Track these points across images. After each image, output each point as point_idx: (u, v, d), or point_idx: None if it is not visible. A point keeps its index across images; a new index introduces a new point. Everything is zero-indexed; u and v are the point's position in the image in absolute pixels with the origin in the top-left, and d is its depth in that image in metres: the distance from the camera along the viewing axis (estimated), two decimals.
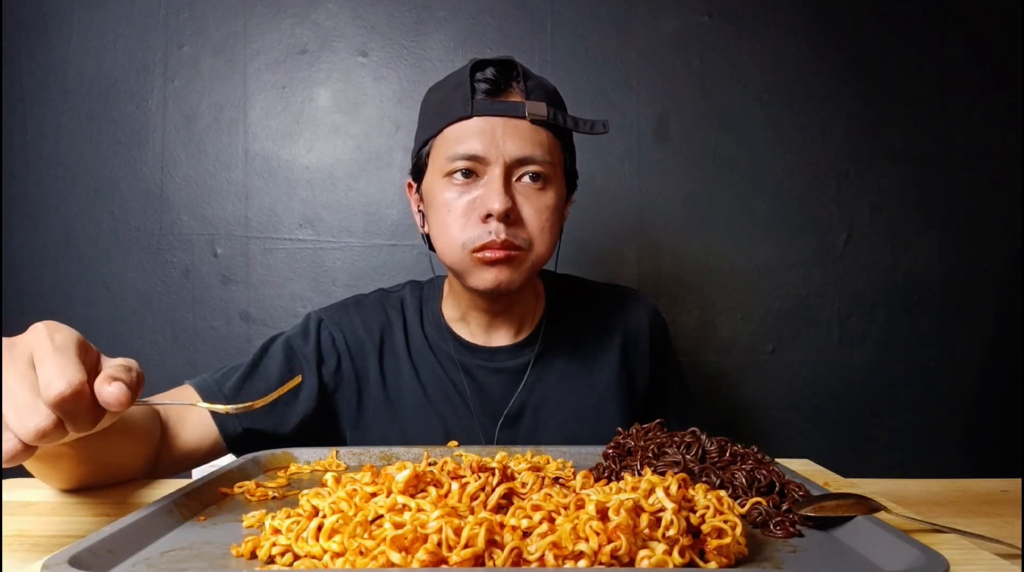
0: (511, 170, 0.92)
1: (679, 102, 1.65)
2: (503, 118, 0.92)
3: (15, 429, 0.49)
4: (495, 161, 0.91)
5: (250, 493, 0.69)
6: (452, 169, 0.93)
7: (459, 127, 0.93)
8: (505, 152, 0.91)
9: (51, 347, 0.52)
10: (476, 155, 0.91)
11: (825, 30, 1.65)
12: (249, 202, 1.66)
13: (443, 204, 0.94)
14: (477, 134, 0.92)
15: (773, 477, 0.63)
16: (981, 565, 0.51)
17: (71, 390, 0.50)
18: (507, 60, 0.95)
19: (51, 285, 1.65)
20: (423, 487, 0.55)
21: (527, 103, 0.93)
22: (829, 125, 1.65)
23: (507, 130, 0.92)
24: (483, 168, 0.92)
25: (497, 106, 0.93)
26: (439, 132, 0.95)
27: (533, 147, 0.92)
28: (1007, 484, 0.83)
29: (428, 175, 0.98)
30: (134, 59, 1.66)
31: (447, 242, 0.95)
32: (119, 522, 0.53)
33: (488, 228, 0.91)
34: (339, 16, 1.66)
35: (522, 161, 0.92)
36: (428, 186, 0.98)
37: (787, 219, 1.66)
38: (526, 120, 0.92)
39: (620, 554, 0.44)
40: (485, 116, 0.92)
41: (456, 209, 0.93)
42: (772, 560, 0.51)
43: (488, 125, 0.92)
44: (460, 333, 1.07)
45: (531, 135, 0.93)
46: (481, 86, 0.94)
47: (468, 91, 0.93)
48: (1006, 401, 1.66)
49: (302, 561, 0.49)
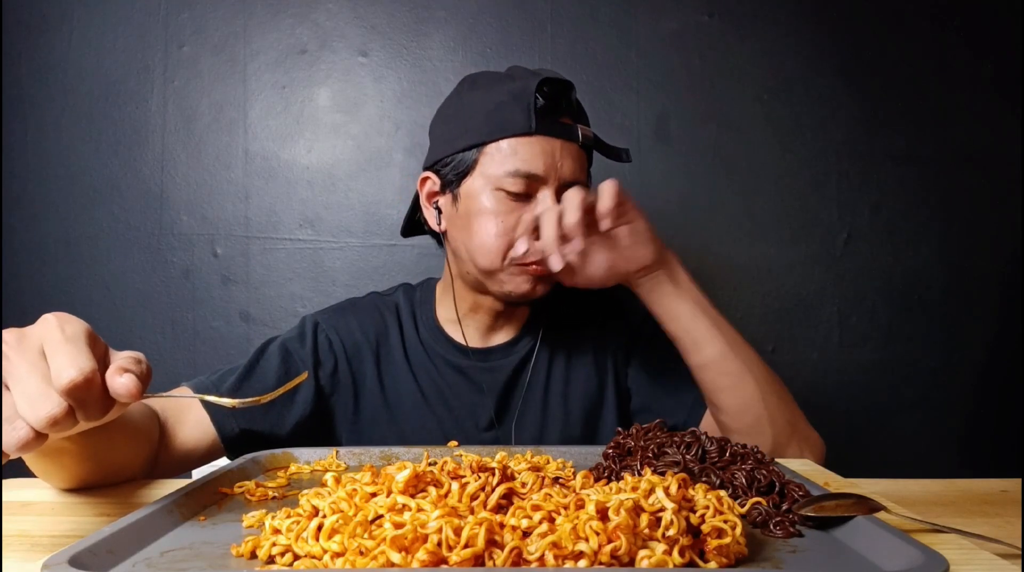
0: (562, 190, 0.95)
1: (679, 102, 1.65)
2: (560, 140, 0.95)
3: (27, 417, 0.50)
4: (552, 181, 0.94)
5: (250, 493, 0.69)
6: (508, 183, 0.94)
7: (520, 142, 0.94)
8: (562, 174, 0.95)
9: (62, 337, 0.52)
10: (536, 174, 0.94)
11: (825, 30, 1.65)
12: (249, 202, 1.66)
13: (492, 214, 0.96)
14: (539, 153, 0.94)
15: (773, 477, 0.63)
16: (981, 565, 0.51)
17: (83, 377, 0.50)
18: (566, 81, 0.97)
19: (51, 285, 1.65)
20: (423, 487, 0.55)
21: (579, 127, 0.96)
22: (829, 125, 1.65)
23: (564, 152, 0.95)
24: (536, 186, 0.95)
25: (558, 127, 0.95)
26: (494, 140, 0.96)
27: (581, 170, 0.97)
28: (1007, 484, 0.83)
29: (473, 179, 0.98)
30: (134, 59, 1.66)
31: (488, 251, 0.96)
32: (119, 522, 0.53)
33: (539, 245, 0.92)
34: (339, 16, 1.66)
35: (572, 183, 0.96)
36: (471, 190, 0.98)
37: (787, 219, 1.66)
38: (578, 144, 0.96)
39: (620, 554, 0.44)
40: (547, 136, 0.94)
41: (507, 222, 0.95)
42: (772, 560, 0.51)
43: (549, 146, 0.94)
44: (453, 335, 1.08)
45: (580, 158, 0.97)
46: (540, 102, 0.95)
47: (531, 106, 0.94)
48: (1006, 401, 1.66)
49: (302, 561, 0.49)
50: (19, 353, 0.51)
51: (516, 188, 0.94)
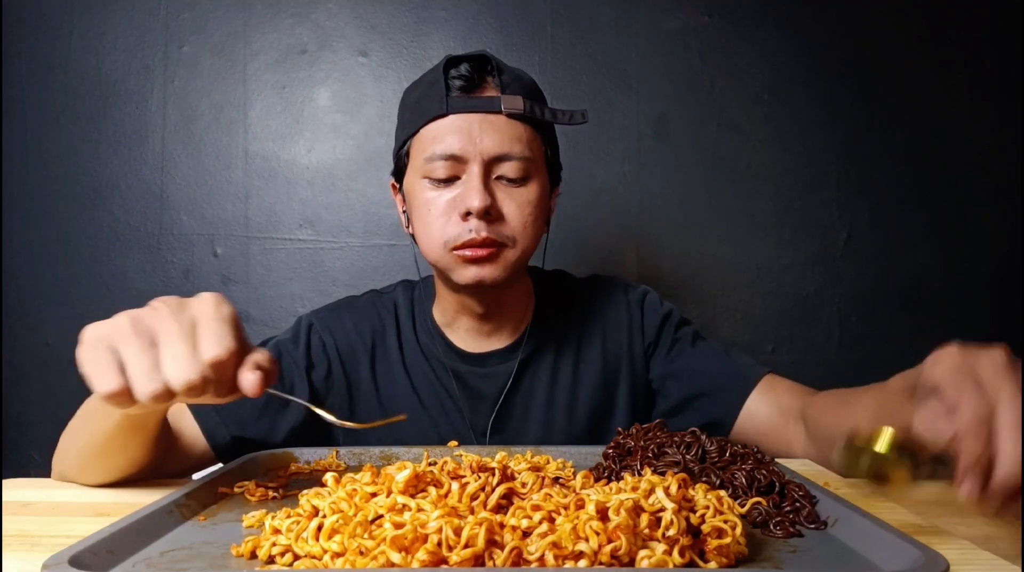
0: (490, 167, 0.92)
1: (679, 102, 1.65)
2: (479, 114, 0.91)
3: (168, 375, 0.55)
4: (473, 159, 0.91)
5: (250, 493, 0.69)
6: (431, 169, 0.92)
7: (436, 126, 0.92)
8: (483, 149, 0.91)
9: (216, 315, 0.58)
10: (454, 154, 0.91)
11: (825, 30, 1.65)
12: (249, 202, 1.66)
13: (423, 204, 0.94)
14: (454, 132, 0.91)
15: (773, 477, 0.63)
16: (981, 565, 0.51)
17: (226, 355, 0.56)
18: (481, 55, 0.95)
19: (51, 285, 1.65)
20: (423, 487, 0.55)
21: (503, 98, 0.91)
22: (829, 125, 1.65)
23: (484, 126, 0.91)
24: (461, 167, 0.91)
25: (472, 102, 0.91)
26: (416, 131, 0.94)
27: (511, 142, 0.91)
28: None
29: (408, 175, 0.97)
30: (134, 59, 1.65)
31: (429, 241, 0.94)
32: (119, 522, 0.53)
33: (468, 226, 0.91)
34: (339, 16, 1.66)
35: (500, 157, 0.91)
36: (409, 186, 0.97)
37: (787, 219, 1.66)
38: (502, 115, 0.91)
39: (620, 554, 0.44)
40: (461, 113, 0.91)
41: (436, 208, 0.92)
42: (772, 560, 0.51)
43: (464, 122, 0.91)
44: (451, 338, 1.05)
45: (508, 130, 0.92)
46: (456, 83, 0.92)
47: (443, 88, 0.92)
48: None
49: (302, 561, 0.49)
50: (176, 319, 0.57)
51: (440, 173, 0.91)
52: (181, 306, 0.58)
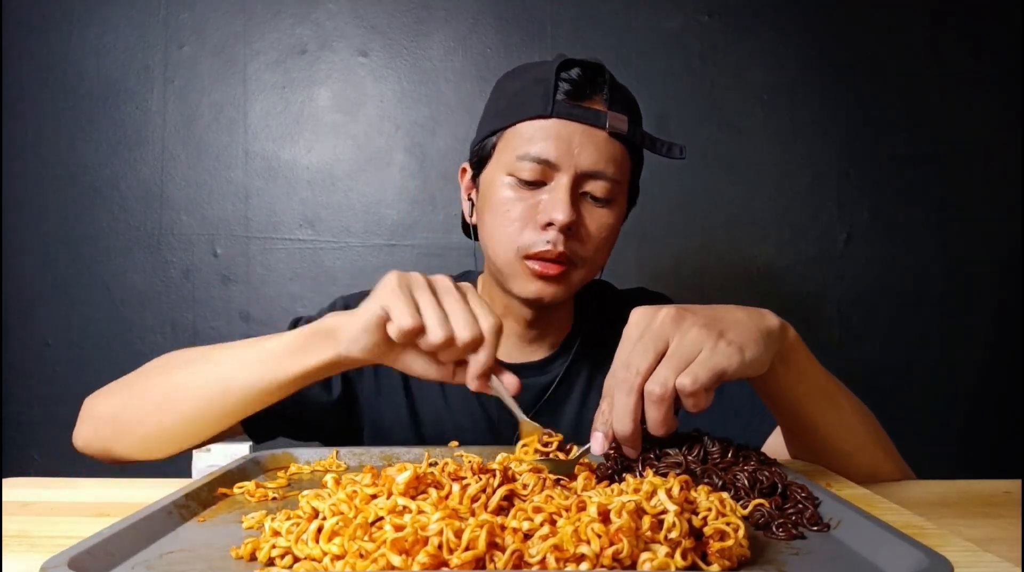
0: (580, 181, 0.88)
1: (679, 102, 1.65)
2: (582, 125, 0.87)
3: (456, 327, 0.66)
4: (566, 169, 0.86)
5: (250, 494, 0.69)
6: (519, 167, 0.88)
7: (534, 126, 0.88)
8: (578, 162, 0.86)
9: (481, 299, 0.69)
10: (548, 159, 0.86)
11: (825, 30, 1.65)
12: (249, 202, 1.66)
13: (502, 202, 0.89)
14: (553, 138, 0.87)
15: (775, 478, 0.63)
16: (985, 568, 0.50)
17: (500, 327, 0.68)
18: (597, 64, 0.90)
19: (51, 285, 1.65)
20: (423, 489, 0.55)
21: (609, 114, 0.88)
22: (829, 125, 1.65)
23: (584, 139, 0.87)
24: (551, 174, 0.87)
25: (579, 112, 0.87)
26: (511, 125, 0.90)
27: (607, 162, 0.88)
28: (1009, 485, 0.83)
29: (491, 167, 0.92)
30: (134, 59, 1.65)
31: (499, 243, 0.90)
32: (119, 523, 0.52)
33: (546, 237, 0.87)
34: (339, 16, 1.66)
35: (593, 174, 0.87)
36: (488, 179, 0.92)
37: (787, 219, 1.65)
38: (605, 132, 0.87)
39: (622, 556, 0.44)
40: (564, 119, 0.87)
41: (516, 211, 0.88)
42: (775, 562, 0.50)
43: (566, 130, 0.87)
44: None
45: (607, 149, 0.88)
46: (564, 86, 0.88)
47: (551, 88, 0.87)
48: (1006, 401, 1.65)
49: (302, 563, 0.49)
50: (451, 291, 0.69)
51: (528, 175, 0.87)
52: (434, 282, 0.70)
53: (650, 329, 0.62)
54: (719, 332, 0.62)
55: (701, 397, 0.60)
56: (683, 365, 0.60)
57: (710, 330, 0.62)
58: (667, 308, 0.64)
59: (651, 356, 0.61)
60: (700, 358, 0.61)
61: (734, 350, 0.62)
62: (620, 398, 0.62)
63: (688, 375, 0.60)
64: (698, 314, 0.64)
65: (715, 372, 0.60)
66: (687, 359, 0.61)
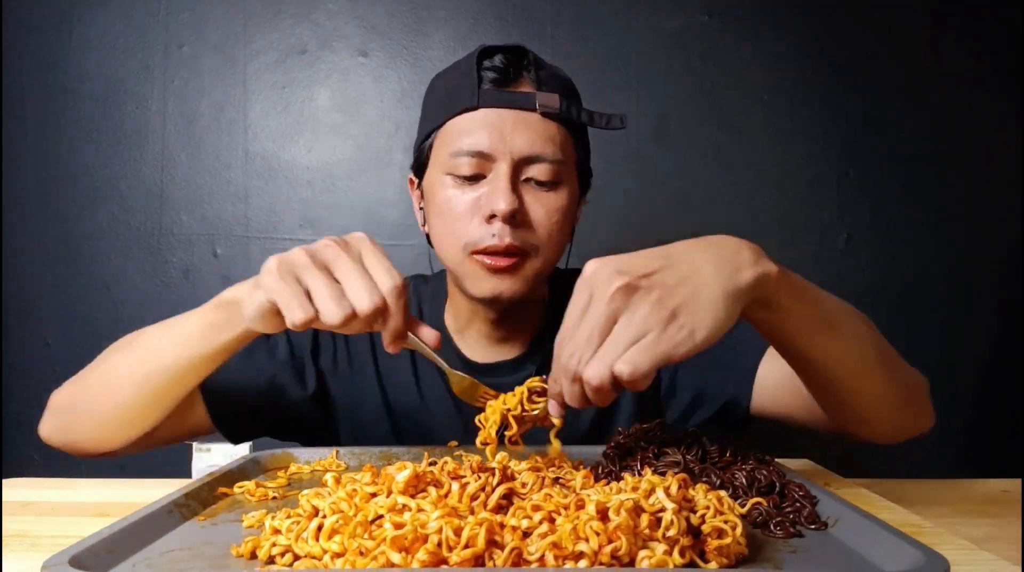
0: (519, 167, 0.86)
1: (679, 102, 1.65)
2: (512, 110, 0.85)
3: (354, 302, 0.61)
4: (502, 157, 0.84)
5: (250, 493, 0.69)
6: (455, 165, 0.86)
7: (464, 119, 0.86)
8: (513, 148, 0.84)
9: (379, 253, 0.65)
10: (482, 151, 0.85)
11: (825, 30, 1.65)
12: (249, 202, 1.66)
13: (444, 202, 0.88)
14: (483, 127, 0.85)
15: (773, 477, 0.63)
16: (982, 566, 0.51)
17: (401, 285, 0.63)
18: (518, 47, 0.88)
19: (51, 285, 1.65)
20: (423, 487, 0.55)
21: (538, 94, 0.85)
22: (829, 125, 1.65)
23: (516, 123, 0.85)
24: (488, 165, 0.85)
25: (506, 97, 0.85)
26: (442, 124, 0.88)
27: (544, 143, 0.86)
28: (1007, 484, 0.83)
29: (430, 170, 0.91)
30: (134, 59, 1.65)
31: (447, 243, 0.89)
32: (119, 522, 0.53)
33: (492, 230, 0.85)
34: (339, 16, 1.66)
35: (531, 158, 0.85)
36: (430, 182, 0.91)
37: (787, 219, 1.66)
38: (536, 113, 0.85)
39: (620, 554, 0.44)
40: (492, 108, 0.85)
41: (458, 208, 0.87)
42: (772, 560, 0.50)
43: (496, 118, 0.85)
44: (460, 346, 0.99)
45: (542, 130, 0.86)
46: (489, 75, 0.86)
47: (475, 80, 0.85)
48: (1006, 401, 1.66)
49: (302, 561, 0.49)
50: (347, 254, 0.63)
51: (465, 170, 0.85)
52: (345, 244, 0.64)
53: (596, 305, 0.58)
54: (672, 311, 0.57)
55: (641, 383, 0.56)
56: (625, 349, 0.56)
57: (662, 308, 0.57)
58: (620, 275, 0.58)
59: (595, 343, 0.57)
60: (644, 343, 0.56)
61: (684, 335, 0.57)
62: (564, 384, 0.60)
63: (627, 364, 0.55)
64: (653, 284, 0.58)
65: (658, 360, 0.56)
66: (630, 343, 0.56)
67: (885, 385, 0.76)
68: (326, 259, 0.63)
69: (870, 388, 0.75)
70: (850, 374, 0.73)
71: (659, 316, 0.56)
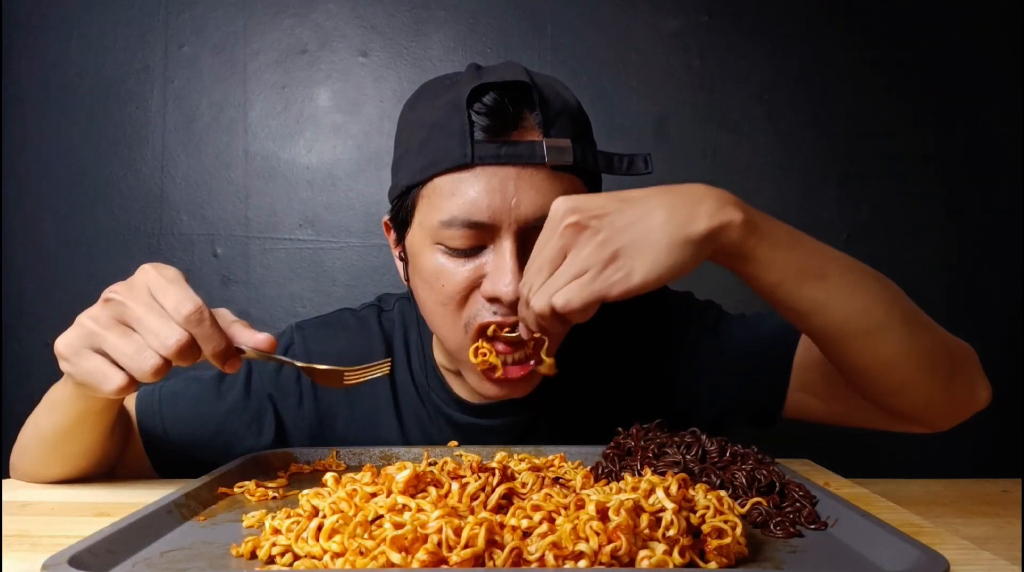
0: (525, 236, 0.71)
1: (679, 102, 1.65)
2: (515, 167, 0.70)
3: (156, 348, 0.58)
4: (506, 228, 0.70)
5: (250, 493, 0.69)
6: (447, 236, 0.71)
7: (455, 179, 0.70)
8: (519, 215, 0.70)
9: (166, 280, 0.60)
10: (480, 222, 0.70)
11: (825, 30, 1.65)
12: (249, 202, 1.66)
13: (434, 274, 0.74)
14: (481, 191, 0.69)
15: (773, 477, 0.63)
16: (982, 565, 0.51)
17: (197, 309, 0.58)
18: (518, 82, 0.72)
19: (51, 285, 1.65)
20: (423, 487, 0.55)
21: (546, 142, 0.70)
22: (829, 125, 1.65)
23: (521, 183, 0.70)
24: (489, 236, 0.71)
25: (506, 150, 0.70)
26: (428, 180, 0.72)
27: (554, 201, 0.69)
28: (1007, 484, 0.83)
29: (414, 231, 0.76)
30: (134, 59, 1.65)
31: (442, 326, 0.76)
32: (119, 522, 0.53)
33: (493, 308, 0.72)
34: (339, 16, 1.66)
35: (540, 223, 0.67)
36: (414, 246, 0.76)
37: (787, 219, 1.64)
38: (545, 167, 0.70)
39: (620, 554, 0.44)
40: (491, 166, 0.70)
41: (451, 286, 0.73)
42: (772, 560, 0.51)
43: (496, 179, 0.70)
44: (452, 386, 0.88)
45: (552, 187, 0.71)
46: (482, 120, 0.70)
47: (466, 127, 0.70)
48: (1006, 401, 1.65)
49: (302, 561, 0.49)
50: (133, 298, 0.59)
51: (458, 242, 0.71)
52: (129, 286, 0.61)
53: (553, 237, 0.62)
54: (613, 253, 0.60)
55: (575, 316, 0.61)
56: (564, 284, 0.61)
57: (604, 249, 0.60)
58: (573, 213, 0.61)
59: (544, 274, 0.62)
60: (582, 280, 0.60)
61: (621, 275, 0.60)
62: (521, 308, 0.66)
63: (562, 297, 0.60)
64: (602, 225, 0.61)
65: (591, 298, 0.60)
66: (571, 278, 0.61)
67: (907, 347, 0.70)
68: (113, 315, 0.60)
69: (887, 348, 0.69)
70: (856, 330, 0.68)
71: (599, 256, 0.60)
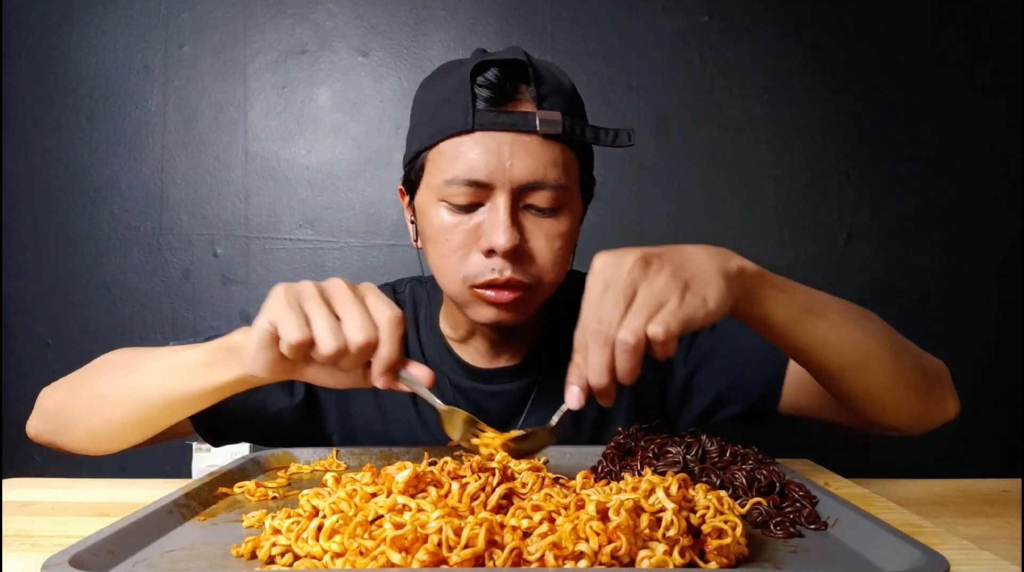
0: (519, 196, 0.80)
1: (679, 102, 1.65)
2: (510, 133, 0.79)
3: (350, 336, 0.62)
4: (501, 186, 0.79)
5: (250, 493, 0.69)
6: (449, 193, 0.80)
7: (458, 143, 0.80)
8: (513, 176, 0.78)
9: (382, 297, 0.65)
10: (478, 180, 0.79)
11: (825, 30, 1.65)
12: (249, 202, 1.66)
13: (439, 231, 0.82)
14: (480, 154, 0.78)
15: (773, 477, 0.63)
16: (982, 565, 0.51)
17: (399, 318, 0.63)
18: (516, 60, 0.81)
19: (51, 285, 1.65)
20: (423, 487, 0.55)
21: (539, 113, 0.79)
22: (829, 125, 1.65)
23: (515, 148, 0.78)
24: (486, 194, 0.80)
25: (503, 118, 0.79)
26: (434, 144, 0.82)
27: (546, 168, 0.79)
28: (1007, 484, 0.83)
29: (422, 192, 0.86)
30: (134, 59, 1.65)
31: (446, 275, 0.84)
32: (119, 522, 0.53)
33: (491, 264, 0.80)
34: (339, 16, 1.66)
35: (532, 185, 0.79)
36: (422, 205, 0.86)
37: (787, 219, 1.66)
38: (537, 135, 0.79)
39: (620, 554, 0.44)
40: (489, 131, 0.79)
41: (454, 239, 0.81)
42: (772, 560, 0.51)
43: (493, 143, 0.78)
44: (459, 353, 0.96)
45: (543, 153, 0.79)
46: (484, 92, 0.80)
47: (469, 98, 0.79)
48: (1005, 401, 1.65)
49: (302, 561, 0.49)
50: (352, 293, 0.64)
51: (460, 199, 0.80)
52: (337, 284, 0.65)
53: (617, 278, 0.62)
54: (684, 281, 0.63)
55: (671, 346, 0.60)
56: (652, 314, 0.61)
57: (676, 279, 0.63)
58: (631, 254, 0.63)
59: (622, 307, 0.61)
60: (669, 308, 0.61)
61: (699, 302, 0.63)
62: (595, 351, 0.61)
63: (659, 324, 0.60)
64: (664, 261, 0.64)
65: (684, 321, 0.61)
66: (656, 308, 0.61)
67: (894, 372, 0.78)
68: (331, 294, 0.65)
69: (878, 376, 0.76)
70: (851, 363, 0.74)
71: (675, 285, 0.62)
